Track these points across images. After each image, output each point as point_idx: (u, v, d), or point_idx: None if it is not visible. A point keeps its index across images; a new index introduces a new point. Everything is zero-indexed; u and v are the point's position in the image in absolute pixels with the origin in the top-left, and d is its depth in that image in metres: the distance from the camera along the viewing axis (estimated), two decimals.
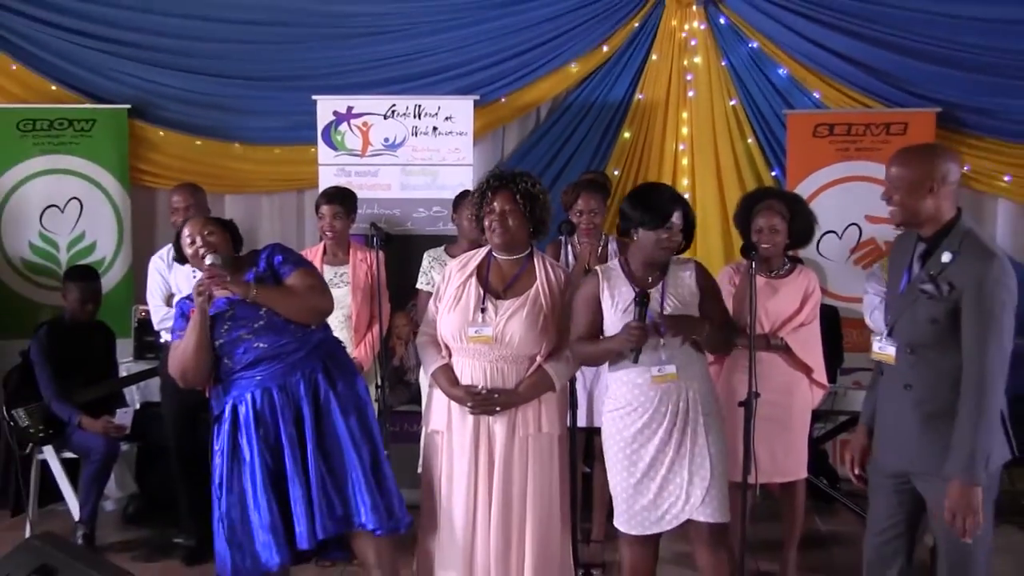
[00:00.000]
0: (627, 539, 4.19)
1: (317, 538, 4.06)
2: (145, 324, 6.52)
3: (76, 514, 5.82)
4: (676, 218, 4.04)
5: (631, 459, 4.08)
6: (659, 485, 4.05)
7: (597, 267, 4.31)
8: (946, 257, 3.48)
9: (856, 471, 3.93)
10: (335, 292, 5.28)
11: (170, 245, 5.71)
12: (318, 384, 4.13)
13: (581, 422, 5.20)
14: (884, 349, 3.70)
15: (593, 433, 5.44)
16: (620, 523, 4.17)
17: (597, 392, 5.32)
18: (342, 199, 5.82)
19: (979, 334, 3.39)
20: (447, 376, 4.13)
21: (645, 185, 4.55)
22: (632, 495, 4.09)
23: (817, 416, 5.77)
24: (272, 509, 4.04)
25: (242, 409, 4.09)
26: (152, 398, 6.53)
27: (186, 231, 4.20)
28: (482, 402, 4.03)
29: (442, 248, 5.81)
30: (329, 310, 4.27)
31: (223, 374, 4.14)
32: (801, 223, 5.09)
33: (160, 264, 5.73)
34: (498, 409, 4.04)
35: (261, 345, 4.07)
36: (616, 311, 4.09)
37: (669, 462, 4.04)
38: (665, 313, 4.02)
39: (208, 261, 4.09)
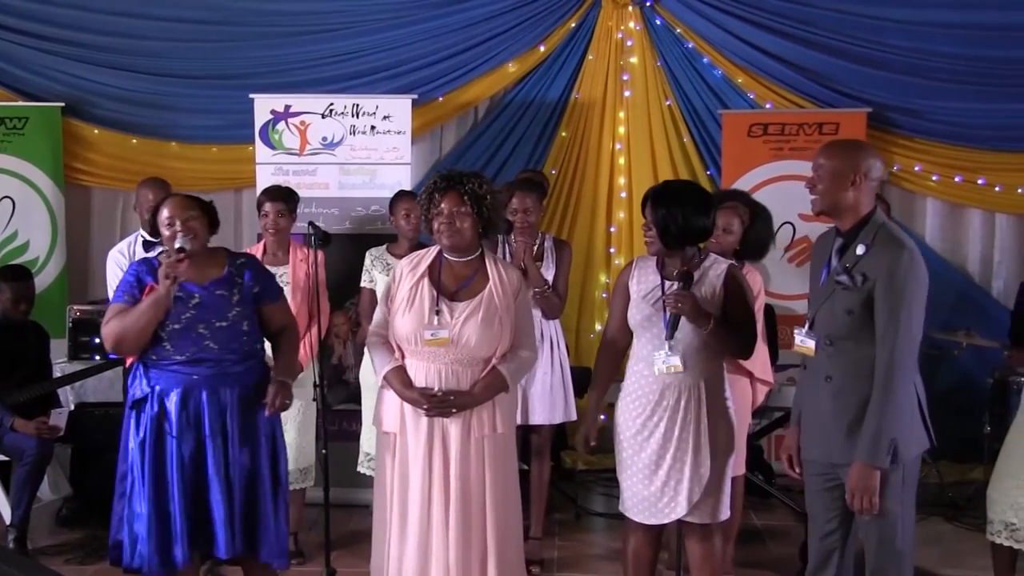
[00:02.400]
0: (632, 526, 4.22)
1: (236, 551, 4.02)
2: (80, 324, 6.41)
3: (7, 517, 5.67)
4: (647, 214, 4.07)
5: (634, 448, 4.11)
6: (662, 479, 4.06)
7: (635, 257, 4.35)
8: (860, 249, 3.59)
9: (796, 469, 3.97)
10: None
11: (131, 238, 5.63)
12: (249, 401, 4.08)
13: (517, 420, 5.20)
14: (804, 342, 3.77)
15: (530, 431, 5.46)
16: (626, 508, 4.20)
17: (532, 391, 5.32)
18: (286, 197, 5.76)
19: (889, 322, 3.50)
20: (401, 378, 4.05)
21: None
22: (638, 483, 4.11)
23: (752, 413, 5.79)
24: (189, 508, 3.97)
25: (169, 402, 3.99)
26: (87, 399, 6.43)
27: (166, 211, 4.06)
28: (438, 404, 3.98)
29: (384, 247, 5.79)
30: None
31: (156, 357, 4.03)
32: (757, 232, 5.07)
33: (120, 259, 5.55)
34: (453, 411, 4.00)
35: (212, 345, 4.01)
36: (639, 296, 4.14)
37: (671, 457, 4.04)
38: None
39: (178, 244, 3.96)
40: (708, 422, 4.05)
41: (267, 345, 4.31)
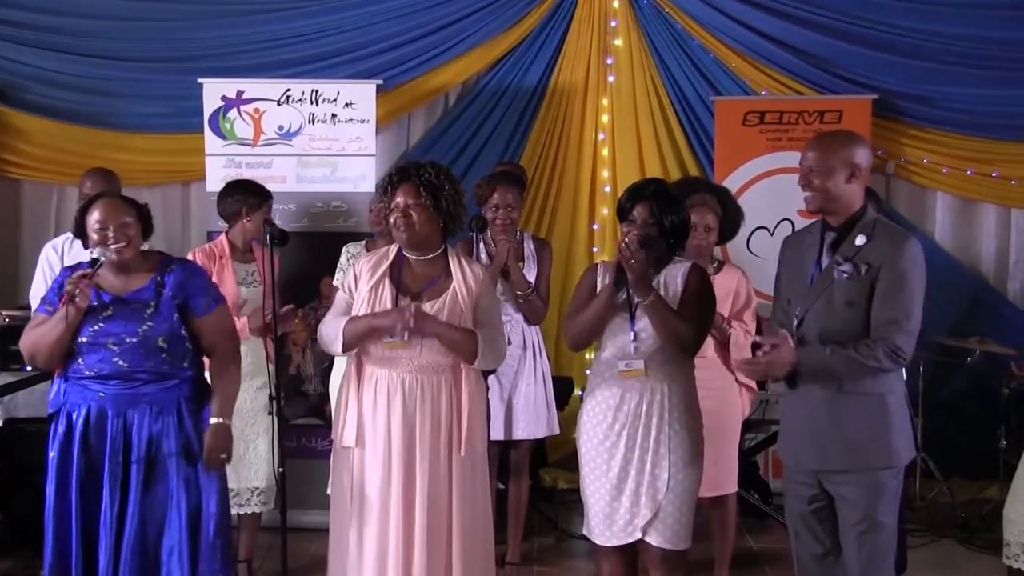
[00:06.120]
0: (604, 550, 4.16)
1: None
2: (8, 331, 6.26)
3: None
4: (637, 213, 4.07)
5: (598, 462, 4.09)
6: (629, 497, 4.03)
7: (597, 262, 4.40)
8: (860, 240, 3.73)
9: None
10: (250, 291, 5.31)
11: (68, 234, 5.52)
12: (165, 426, 3.98)
13: (498, 435, 5.13)
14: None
15: (509, 447, 5.38)
16: (590, 530, 4.16)
17: (515, 402, 5.26)
18: None
19: (895, 309, 3.64)
20: (360, 319, 4.02)
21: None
22: (601, 499, 4.08)
23: (748, 426, 5.76)
24: (80, 541, 3.90)
25: (76, 418, 3.94)
26: (17, 414, 6.31)
27: (97, 214, 3.97)
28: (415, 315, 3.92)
29: (362, 243, 5.77)
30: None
31: (70, 370, 3.99)
32: (732, 216, 5.17)
33: (53, 256, 5.50)
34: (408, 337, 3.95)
35: (121, 363, 3.92)
36: None
37: (635, 470, 4.02)
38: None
39: (94, 254, 3.93)
40: (669, 433, 4.02)
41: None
